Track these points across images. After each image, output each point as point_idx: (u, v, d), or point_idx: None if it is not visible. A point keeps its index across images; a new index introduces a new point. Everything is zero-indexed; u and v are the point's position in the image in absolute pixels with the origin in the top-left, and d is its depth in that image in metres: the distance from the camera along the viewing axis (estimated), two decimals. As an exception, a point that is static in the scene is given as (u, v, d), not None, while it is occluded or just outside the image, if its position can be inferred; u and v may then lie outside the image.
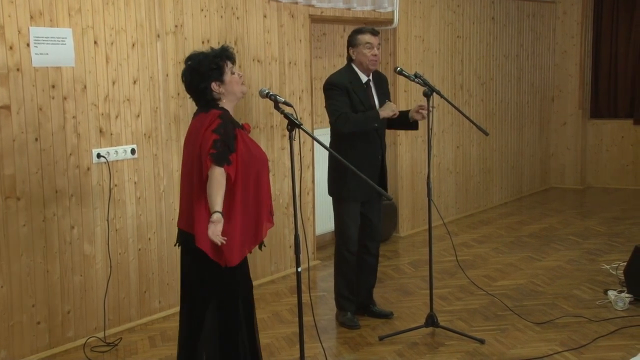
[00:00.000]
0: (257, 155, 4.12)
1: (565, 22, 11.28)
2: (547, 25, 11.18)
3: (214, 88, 4.08)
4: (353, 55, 5.56)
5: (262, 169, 4.15)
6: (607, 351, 5.03)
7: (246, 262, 4.23)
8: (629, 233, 8.32)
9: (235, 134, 4.01)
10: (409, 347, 5.27)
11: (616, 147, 11.40)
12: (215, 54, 4.13)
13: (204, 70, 4.07)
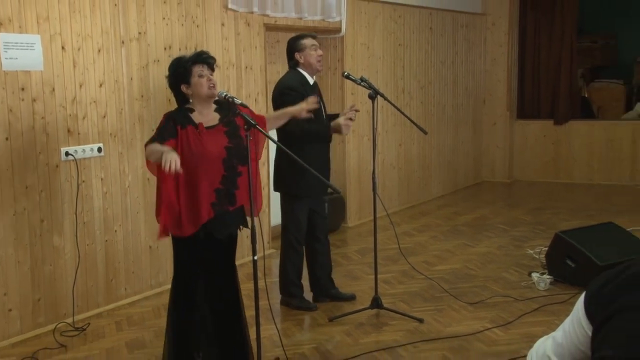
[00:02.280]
0: (199, 152, 4.09)
1: (494, 32, 11.30)
2: (478, 35, 11.19)
3: (183, 89, 4.16)
4: (300, 59, 5.45)
5: (206, 165, 4.11)
6: (531, 326, 5.11)
7: (207, 248, 4.23)
8: (550, 221, 8.36)
9: (176, 130, 4.07)
10: (356, 327, 5.23)
11: (539, 145, 11.49)
12: (188, 58, 4.18)
13: (175, 72, 4.18)
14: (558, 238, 6.20)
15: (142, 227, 5.85)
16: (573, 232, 6.31)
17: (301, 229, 5.54)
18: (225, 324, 4.41)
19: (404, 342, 4.92)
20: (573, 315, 2.05)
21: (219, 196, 4.17)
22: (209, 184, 4.12)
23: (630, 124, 11.23)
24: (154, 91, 5.84)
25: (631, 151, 10.92)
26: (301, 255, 5.64)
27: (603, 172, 11.08)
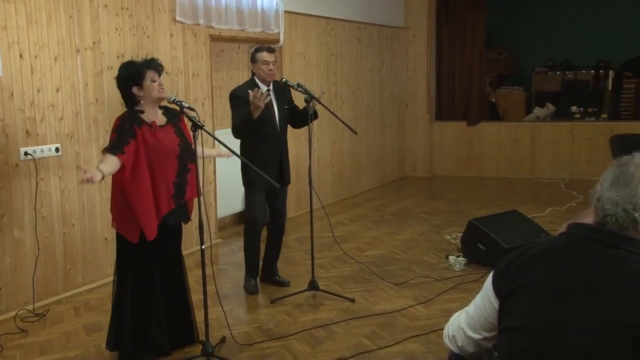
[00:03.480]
0: (158, 149, 4.03)
1: (415, 44, 11.34)
2: (401, 46, 11.21)
3: (134, 91, 4.03)
4: (254, 69, 5.40)
5: (166, 160, 4.06)
6: (448, 303, 5.15)
7: (164, 237, 4.16)
8: (464, 211, 8.40)
9: (134, 131, 3.95)
10: (295, 308, 5.19)
11: (455, 144, 11.59)
12: (142, 63, 4.08)
13: (128, 74, 4.04)
14: (471, 225, 6.26)
15: (98, 220, 5.68)
16: (483, 219, 6.37)
17: (256, 217, 5.45)
18: (175, 308, 4.34)
19: (337, 320, 4.90)
20: (483, 292, 2.06)
21: (175, 189, 4.13)
22: (166, 178, 4.07)
23: (530, 125, 11.42)
24: (108, 96, 5.65)
25: (531, 149, 11.12)
26: (258, 242, 5.55)
27: (508, 167, 11.24)
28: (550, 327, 1.81)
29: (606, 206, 1.86)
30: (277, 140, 5.42)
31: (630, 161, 1.90)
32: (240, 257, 6.31)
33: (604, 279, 1.79)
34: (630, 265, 1.78)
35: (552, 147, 10.99)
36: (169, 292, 4.29)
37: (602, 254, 1.83)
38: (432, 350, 4.30)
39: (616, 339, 1.72)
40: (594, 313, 1.76)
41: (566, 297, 1.82)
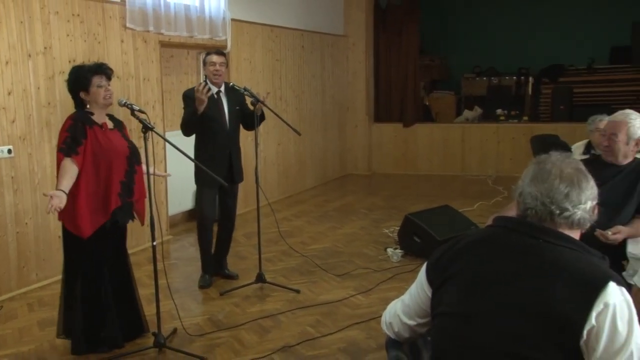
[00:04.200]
0: (109, 148, 3.96)
1: (355, 51, 11.39)
2: (342, 53, 11.24)
3: (81, 95, 3.95)
4: (205, 72, 5.36)
5: (115, 159, 3.98)
6: (386, 292, 5.18)
7: (112, 234, 4.10)
8: (401, 206, 8.46)
9: (85, 130, 3.87)
10: (243, 299, 5.14)
11: (392, 144, 11.67)
12: (89, 68, 3.98)
13: (75, 80, 3.96)
14: (407, 219, 6.30)
15: (52, 219, 5.49)
16: (418, 214, 6.42)
17: (206, 214, 5.38)
18: (124, 302, 4.25)
19: (284, 310, 4.88)
20: (417, 282, 2.07)
21: (123, 188, 4.04)
22: (116, 177, 3.99)
23: (460, 126, 11.60)
24: (60, 99, 5.48)
25: (461, 148, 11.29)
26: (209, 238, 5.48)
27: (440, 165, 11.38)
28: (478, 312, 1.83)
29: (527, 200, 1.89)
30: (227, 139, 5.34)
31: (548, 159, 1.93)
32: (191, 252, 6.26)
33: (525, 267, 1.81)
34: (548, 254, 1.81)
35: (480, 146, 11.18)
36: (118, 286, 4.20)
37: (524, 244, 1.85)
38: (371, 336, 4.34)
39: (534, 322, 1.74)
40: (516, 299, 1.78)
41: (492, 284, 1.84)
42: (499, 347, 1.77)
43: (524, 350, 1.73)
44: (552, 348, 1.71)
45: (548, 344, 1.71)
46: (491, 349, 1.78)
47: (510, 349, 1.75)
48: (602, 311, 1.68)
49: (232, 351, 4.20)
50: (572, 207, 1.85)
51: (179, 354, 4.11)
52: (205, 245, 5.49)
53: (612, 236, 3.54)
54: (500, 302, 1.80)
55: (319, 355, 4.11)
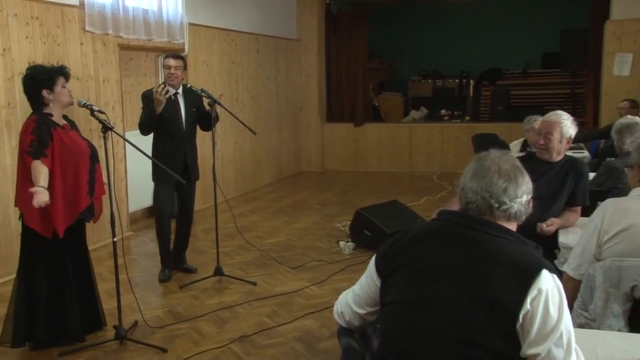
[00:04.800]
0: (74, 149, 3.86)
1: (307, 54, 11.39)
2: (295, 56, 11.22)
3: (44, 94, 3.79)
4: (163, 74, 5.31)
5: (80, 159, 3.90)
6: (339, 283, 5.21)
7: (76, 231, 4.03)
8: (352, 201, 8.50)
9: (51, 133, 3.75)
10: (202, 292, 5.10)
11: (343, 142, 11.71)
12: (53, 68, 3.87)
13: (39, 78, 3.80)
14: (358, 213, 6.33)
15: (12, 216, 5.33)
16: (369, 208, 6.46)
17: (163, 211, 5.31)
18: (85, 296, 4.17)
19: (241, 302, 4.86)
20: (367, 272, 2.08)
21: (89, 186, 3.97)
22: (83, 176, 3.91)
23: (407, 125, 11.72)
24: (20, 99, 5.32)
25: (408, 146, 11.40)
26: (167, 233, 5.40)
27: (389, 162, 11.47)
28: (424, 300, 1.85)
29: (468, 195, 1.91)
30: (183, 139, 5.28)
31: (487, 156, 1.96)
32: (151, 247, 6.17)
33: (467, 257, 1.84)
34: (487, 244, 1.84)
35: (426, 144, 11.31)
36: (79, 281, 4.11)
37: (466, 236, 1.88)
38: (325, 325, 4.35)
39: (476, 308, 1.77)
40: (458, 286, 1.81)
41: (436, 273, 1.86)
42: (443, 332, 1.79)
43: (466, 334, 1.76)
44: (492, 332, 1.74)
45: (488, 328, 1.75)
46: (436, 334, 1.80)
47: (454, 334, 1.78)
48: (536, 296, 1.73)
49: (192, 342, 4.16)
50: (509, 201, 1.88)
51: (139, 345, 4.05)
52: (163, 240, 5.42)
53: (546, 228, 3.64)
54: (444, 290, 1.82)
55: (275, 344, 4.10)
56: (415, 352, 1.84)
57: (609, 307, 2.79)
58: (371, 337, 2.16)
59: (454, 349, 1.77)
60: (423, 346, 1.82)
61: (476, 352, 1.75)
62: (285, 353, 3.97)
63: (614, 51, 9.60)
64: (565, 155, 3.96)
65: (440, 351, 1.79)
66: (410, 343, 1.85)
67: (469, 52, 13.03)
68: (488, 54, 12.86)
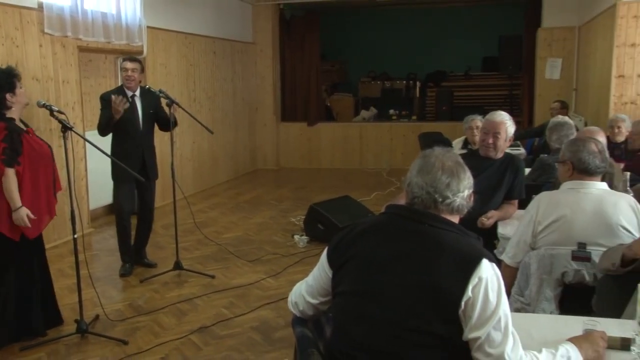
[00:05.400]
0: (41, 152, 3.78)
1: (262, 56, 11.32)
2: (251, 59, 11.15)
3: (7, 98, 3.67)
4: (121, 76, 5.21)
5: (48, 162, 3.83)
6: (294, 275, 5.22)
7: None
8: (306, 197, 8.50)
9: (21, 139, 3.65)
10: (162, 285, 5.04)
11: (297, 141, 11.70)
12: (8, 72, 3.72)
13: (1, 83, 3.66)
14: (312, 208, 6.35)
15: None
16: (322, 203, 6.47)
17: (123, 208, 5.21)
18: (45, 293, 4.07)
19: (200, 294, 4.82)
20: (319, 264, 2.09)
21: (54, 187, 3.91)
22: (51, 177, 3.85)
23: (358, 125, 11.79)
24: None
25: (359, 144, 11.47)
26: (128, 230, 5.31)
27: (341, 159, 11.52)
28: (373, 290, 1.86)
29: (414, 190, 1.93)
30: (140, 140, 5.20)
31: (432, 153, 1.98)
32: (112, 243, 6.04)
33: (413, 248, 1.86)
34: (432, 236, 1.86)
35: (376, 142, 11.40)
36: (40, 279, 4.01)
37: (412, 229, 1.90)
38: (281, 315, 4.35)
39: (422, 296, 1.79)
40: (406, 276, 1.83)
41: (385, 264, 1.87)
42: (391, 319, 1.81)
43: (413, 321, 1.78)
44: (437, 318, 1.77)
45: (433, 314, 1.77)
46: (385, 322, 1.82)
47: (401, 321, 1.79)
48: (477, 284, 1.76)
49: (152, 333, 4.11)
50: (452, 195, 1.91)
51: (101, 338, 3.97)
52: (123, 236, 5.32)
53: (487, 221, 3.72)
54: (392, 279, 1.84)
55: (233, 334, 4.08)
56: (365, 339, 1.85)
57: (542, 292, 2.87)
58: (324, 326, 2.17)
59: (401, 335, 1.79)
60: (372, 333, 1.84)
61: (422, 338, 1.78)
62: (242, 343, 3.95)
63: (546, 56, 9.87)
64: (505, 152, 4.05)
65: (389, 337, 1.81)
66: (361, 331, 1.86)
67: (415, 56, 13.20)
68: (433, 57, 13.05)
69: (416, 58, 13.16)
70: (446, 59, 12.96)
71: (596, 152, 3.03)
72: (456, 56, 12.92)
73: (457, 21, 13.02)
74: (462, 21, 12.98)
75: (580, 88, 9.29)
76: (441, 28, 13.14)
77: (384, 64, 13.40)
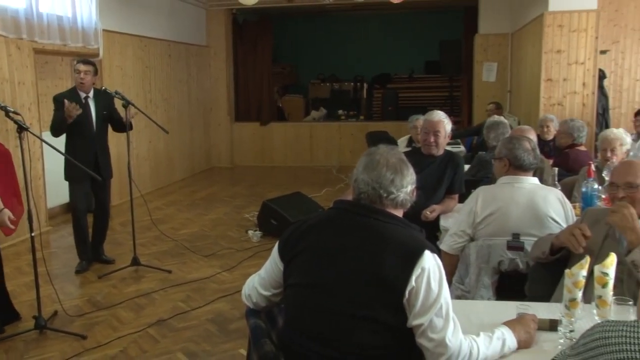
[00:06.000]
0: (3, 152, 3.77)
1: (216, 59, 11.20)
2: (205, 61, 11.01)
3: None
4: (74, 78, 5.06)
5: (10, 159, 3.79)
6: (248, 268, 5.17)
7: None
8: (260, 193, 8.45)
9: None
10: (120, 281, 4.94)
11: (251, 140, 11.63)
12: None
13: None
14: (265, 205, 6.31)
15: None
16: (274, 200, 6.45)
17: (77, 206, 5.06)
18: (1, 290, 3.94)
19: (157, 289, 4.74)
20: (271, 258, 2.08)
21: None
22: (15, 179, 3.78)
23: (308, 124, 11.79)
24: None
25: (309, 143, 11.48)
26: (84, 228, 5.17)
27: (293, 157, 11.50)
28: (323, 281, 1.86)
29: (360, 186, 1.94)
30: (93, 140, 5.08)
31: (376, 151, 1.99)
32: (70, 241, 5.88)
33: (360, 241, 1.87)
34: (378, 229, 1.88)
35: (325, 141, 11.43)
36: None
37: (358, 222, 1.90)
38: (236, 307, 4.31)
39: (369, 286, 1.80)
40: (353, 268, 1.83)
41: (334, 257, 1.87)
42: (340, 309, 1.81)
43: (361, 310, 1.79)
44: (383, 307, 1.78)
45: (379, 303, 1.78)
46: (334, 312, 1.82)
47: (349, 310, 1.80)
48: (420, 274, 1.78)
49: (111, 328, 4.02)
50: (396, 191, 1.92)
51: (59, 334, 3.87)
52: (80, 234, 5.19)
53: (430, 215, 3.77)
54: (341, 271, 1.84)
55: (190, 327, 4.03)
56: (315, 328, 1.85)
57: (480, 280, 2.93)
58: (277, 317, 2.16)
59: (349, 323, 1.80)
60: (322, 322, 1.84)
61: (369, 325, 1.79)
62: (199, 334, 3.91)
63: (482, 60, 10.08)
64: (445, 149, 4.12)
65: (337, 326, 1.82)
66: (311, 321, 1.86)
67: (362, 59, 13.27)
68: (379, 61, 13.15)
69: (363, 61, 13.24)
70: (391, 62, 13.09)
71: (529, 149, 3.11)
72: (400, 59, 13.06)
73: (401, 27, 13.16)
74: (406, 27, 13.14)
75: (514, 90, 9.54)
76: (386, 33, 13.26)
77: (333, 67, 13.43)
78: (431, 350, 1.78)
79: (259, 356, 1.87)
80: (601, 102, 7.53)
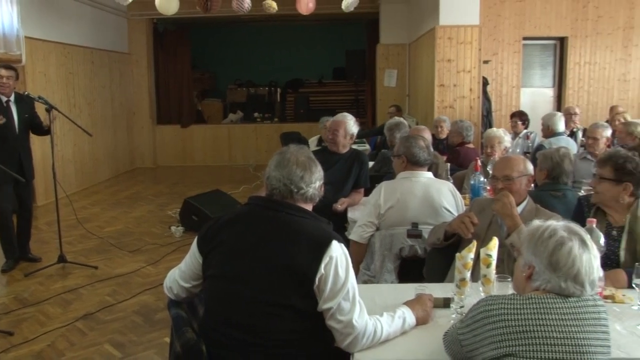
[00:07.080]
0: None
1: (138, 66, 10.78)
2: (127, 68, 10.56)
3: None
4: None
5: None
6: (171, 262, 5.02)
7: None
8: (182, 191, 8.23)
9: None
10: (47, 278, 4.68)
11: (173, 141, 11.30)
12: None
13: None
14: (186, 202, 6.17)
15: None
16: (195, 197, 6.30)
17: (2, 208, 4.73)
18: None
19: (84, 284, 4.52)
20: (190, 252, 2.04)
21: None
22: None
23: (226, 126, 11.60)
24: None
25: (228, 143, 11.31)
26: (9, 228, 4.85)
27: (212, 157, 11.29)
28: (239, 272, 1.84)
29: (272, 182, 1.93)
30: (16, 143, 4.77)
31: (287, 150, 1.99)
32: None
33: (273, 233, 1.86)
34: (289, 222, 1.88)
35: (243, 142, 11.30)
36: None
37: (271, 216, 1.90)
38: (160, 299, 4.18)
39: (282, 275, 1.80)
40: (267, 259, 1.82)
41: (249, 249, 1.86)
42: (255, 297, 1.80)
43: (275, 298, 1.78)
44: (295, 294, 1.78)
45: (292, 291, 1.78)
46: (249, 299, 1.81)
47: (264, 298, 1.79)
48: (328, 262, 1.79)
49: (38, 323, 3.79)
50: (305, 186, 1.93)
51: (-16, 333, 3.59)
52: (5, 234, 4.86)
53: (339, 207, 3.81)
54: (255, 262, 1.83)
55: (117, 319, 3.87)
56: (232, 315, 1.83)
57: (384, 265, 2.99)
58: (197, 306, 2.12)
59: (264, 310, 1.79)
60: (239, 310, 1.82)
61: (283, 311, 1.78)
62: (126, 326, 3.76)
63: (384, 67, 10.32)
64: (351, 148, 4.17)
65: (254, 313, 1.80)
66: (229, 310, 1.84)
67: (276, 65, 13.22)
68: (291, 67, 13.15)
69: (277, 68, 13.20)
70: (302, 68, 13.13)
71: (424, 147, 3.21)
72: (311, 66, 13.13)
73: (310, 36, 13.23)
74: (316, 37, 13.22)
75: (412, 94, 9.83)
76: (298, 42, 13.29)
77: (249, 73, 13.30)
78: (340, 331, 1.79)
79: (181, 344, 1.82)
80: (485, 105, 7.92)
